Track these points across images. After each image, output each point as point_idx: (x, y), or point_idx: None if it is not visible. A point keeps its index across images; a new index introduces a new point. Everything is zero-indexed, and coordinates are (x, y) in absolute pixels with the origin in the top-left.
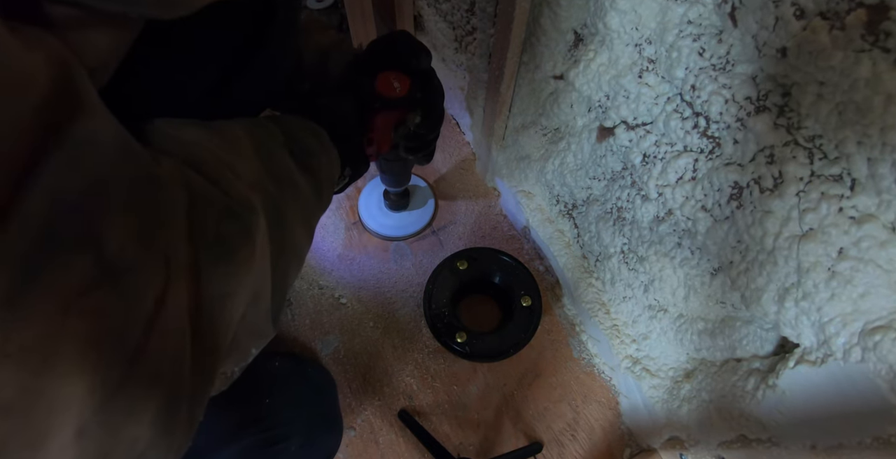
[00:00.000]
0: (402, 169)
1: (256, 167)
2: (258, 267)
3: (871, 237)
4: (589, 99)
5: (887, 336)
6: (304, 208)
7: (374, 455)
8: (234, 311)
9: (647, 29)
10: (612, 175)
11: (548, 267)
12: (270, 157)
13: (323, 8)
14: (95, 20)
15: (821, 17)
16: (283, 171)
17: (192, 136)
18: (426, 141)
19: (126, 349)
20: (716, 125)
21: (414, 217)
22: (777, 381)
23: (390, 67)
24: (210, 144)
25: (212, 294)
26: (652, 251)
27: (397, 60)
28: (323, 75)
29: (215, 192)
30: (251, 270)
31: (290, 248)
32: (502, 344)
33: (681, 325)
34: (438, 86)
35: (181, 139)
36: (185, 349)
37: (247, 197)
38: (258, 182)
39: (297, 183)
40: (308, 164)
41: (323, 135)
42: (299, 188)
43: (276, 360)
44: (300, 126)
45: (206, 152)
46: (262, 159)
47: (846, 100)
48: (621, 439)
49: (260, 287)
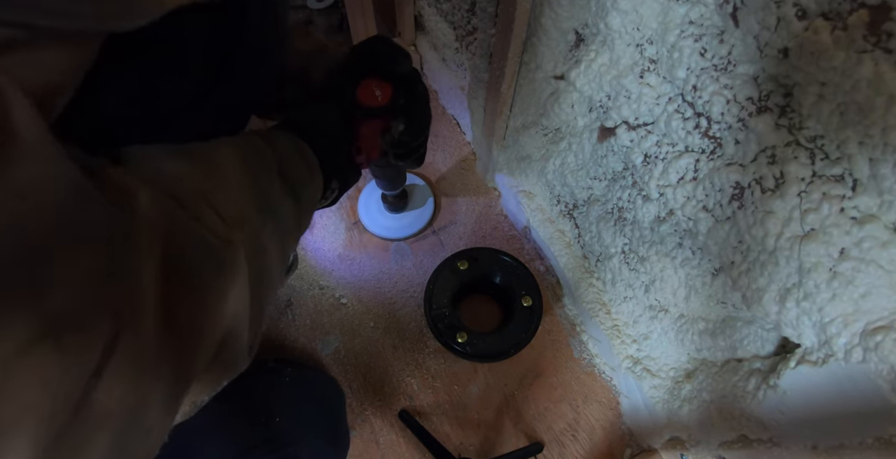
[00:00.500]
0: (395, 174)
1: (240, 200)
2: (234, 302)
3: (873, 237)
4: (590, 99)
5: (888, 336)
6: (282, 236)
7: (375, 455)
8: (206, 346)
9: (648, 29)
10: (613, 175)
11: (548, 267)
12: (257, 181)
13: (323, 8)
14: (41, 41)
15: (823, 17)
16: (268, 199)
17: (171, 168)
18: (412, 147)
19: (70, 400)
20: (717, 125)
21: (413, 217)
22: (778, 381)
23: (372, 74)
24: (191, 177)
25: (183, 322)
26: (653, 251)
27: (378, 66)
28: (305, 82)
29: (195, 227)
30: (226, 300)
31: (267, 279)
32: (503, 344)
33: (682, 325)
34: (422, 91)
35: (160, 171)
36: (139, 387)
37: (226, 233)
38: (241, 215)
39: (281, 210)
40: (294, 188)
41: (311, 158)
42: (282, 215)
43: (285, 375)
44: (291, 148)
45: (187, 185)
46: (249, 186)
47: (848, 100)
48: (622, 439)
49: (237, 321)
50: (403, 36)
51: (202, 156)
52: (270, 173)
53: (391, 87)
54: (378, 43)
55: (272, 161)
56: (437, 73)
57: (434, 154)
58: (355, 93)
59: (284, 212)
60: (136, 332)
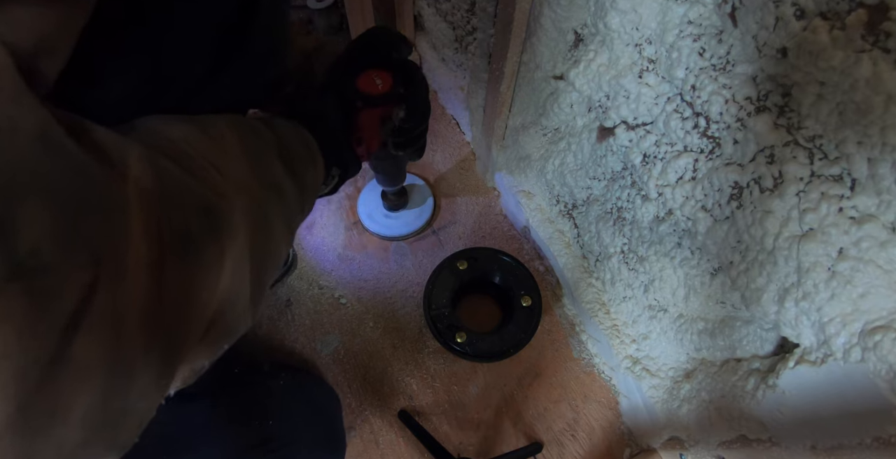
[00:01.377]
0: (396, 167)
1: (244, 168)
2: (232, 266)
3: (871, 237)
4: (589, 99)
5: (887, 336)
6: (287, 213)
7: (374, 455)
8: (204, 308)
9: (647, 29)
10: (612, 175)
11: (548, 267)
12: (259, 160)
13: (323, 8)
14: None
15: (821, 17)
16: (270, 175)
17: (179, 133)
18: (414, 136)
19: (44, 351)
20: (716, 125)
21: (413, 216)
22: (777, 381)
23: (372, 65)
24: (198, 142)
25: (176, 289)
26: (652, 251)
27: (377, 55)
28: (307, 78)
29: (192, 184)
30: (223, 268)
31: (271, 251)
32: (502, 344)
33: (681, 325)
34: (422, 79)
35: (168, 135)
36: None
37: (228, 194)
38: (244, 183)
39: (284, 188)
40: (295, 170)
41: (311, 141)
42: (285, 193)
43: (280, 379)
44: (290, 130)
45: (193, 149)
46: (251, 161)
47: (846, 100)
48: (621, 439)
49: (236, 286)
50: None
51: (206, 124)
52: (270, 152)
53: (391, 76)
54: (377, 31)
55: (272, 141)
56: (436, 72)
57: (434, 154)
58: (355, 83)
59: (287, 191)
60: (117, 288)
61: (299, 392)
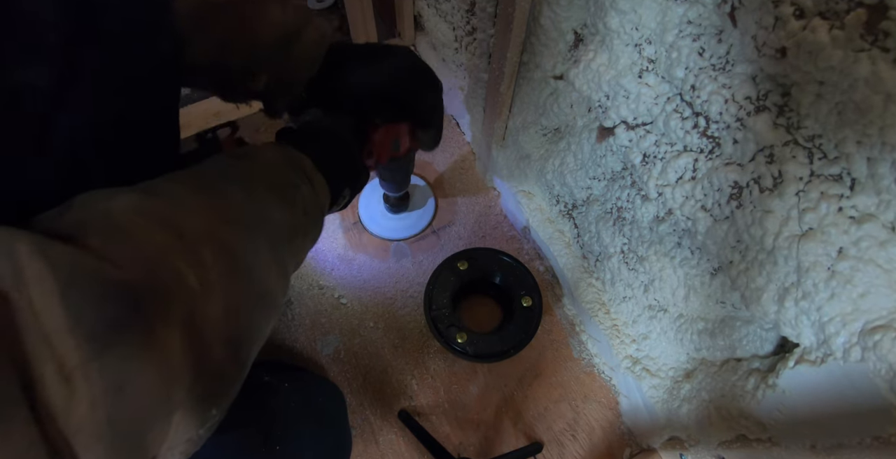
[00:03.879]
0: (402, 175)
1: (203, 217)
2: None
3: (871, 237)
4: (589, 99)
5: (887, 335)
6: (276, 245)
7: (374, 455)
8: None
9: (646, 29)
10: (612, 175)
11: (548, 268)
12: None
13: (323, 8)
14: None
15: (820, 16)
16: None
17: (119, 203)
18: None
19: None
20: (715, 125)
21: (414, 217)
22: (777, 381)
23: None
24: (141, 207)
25: (103, 388)
26: (652, 251)
27: (401, 107)
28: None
29: (105, 270)
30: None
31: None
32: (502, 344)
33: (681, 325)
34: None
35: (108, 210)
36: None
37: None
38: (205, 234)
39: (270, 218)
40: (285, 195)
41: (305, 162)
42: (272, 223)
43: (282, 393)
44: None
45: (134, 217)
46: (211, 203)
47: (845, 99)
48: (621, 439)
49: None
50: (403, 36)
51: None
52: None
53: (410, 135)
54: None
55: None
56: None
57: (434, 154)
58: (370, 139)
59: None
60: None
61: (303, 404)
